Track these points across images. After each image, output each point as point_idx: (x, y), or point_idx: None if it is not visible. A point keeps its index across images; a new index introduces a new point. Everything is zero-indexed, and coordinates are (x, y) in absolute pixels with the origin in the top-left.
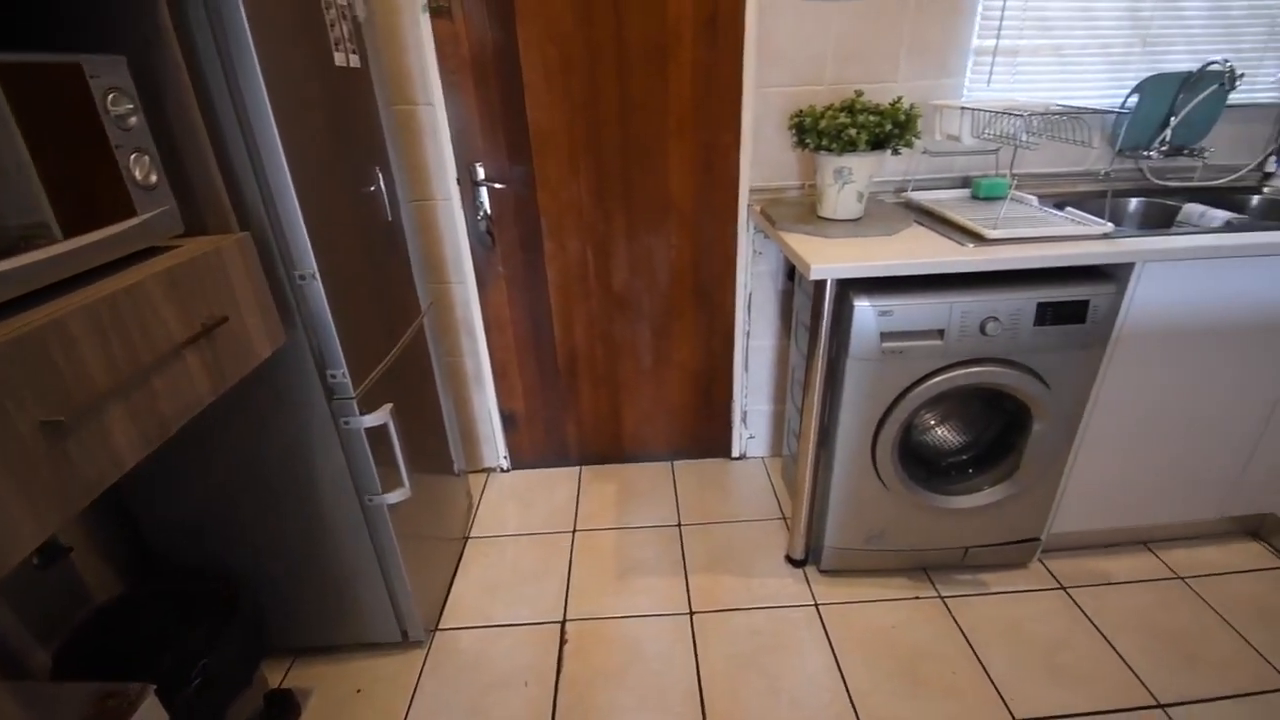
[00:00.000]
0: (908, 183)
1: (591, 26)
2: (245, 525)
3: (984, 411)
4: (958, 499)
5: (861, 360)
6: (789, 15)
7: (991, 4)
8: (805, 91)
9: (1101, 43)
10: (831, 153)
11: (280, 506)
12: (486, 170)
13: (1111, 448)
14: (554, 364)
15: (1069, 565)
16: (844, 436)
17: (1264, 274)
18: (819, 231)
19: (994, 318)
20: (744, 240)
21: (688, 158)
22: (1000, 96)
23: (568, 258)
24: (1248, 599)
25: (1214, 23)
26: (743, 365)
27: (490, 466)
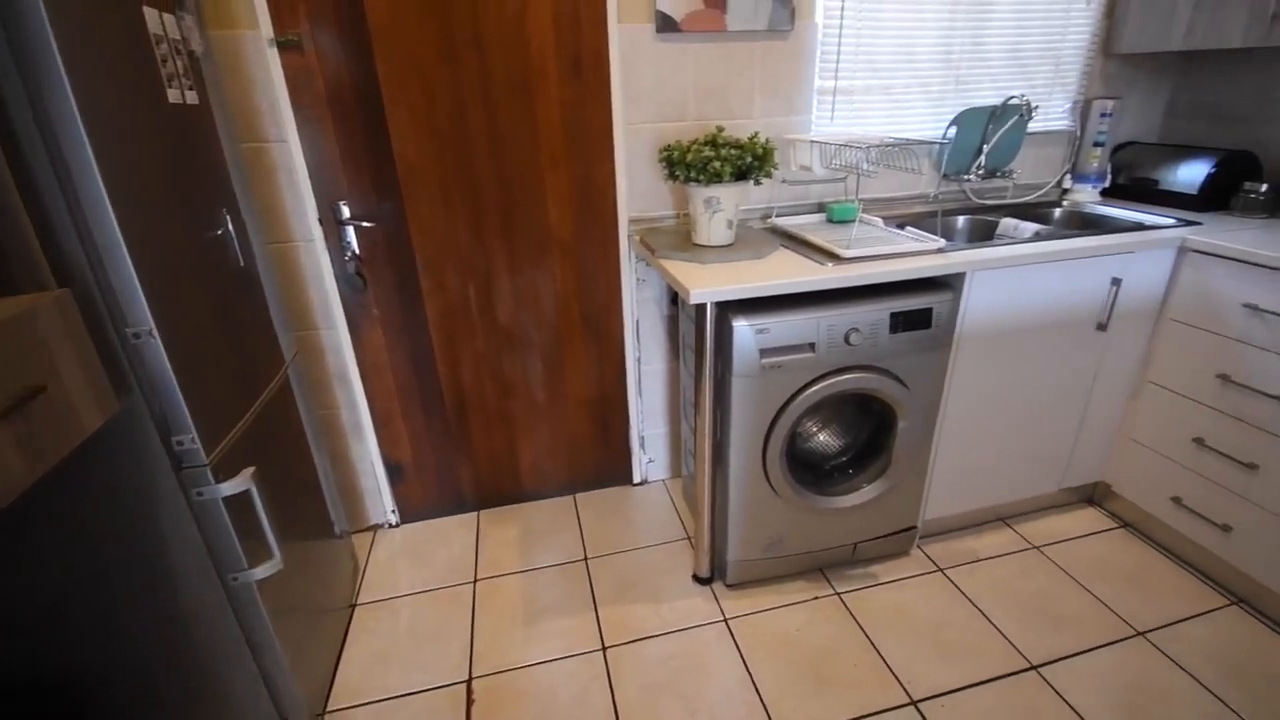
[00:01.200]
0: (772, 209)
1: (455, 61)
2: (88, 622)
3: (857, 415)
4: (842, 499)
5: (745, 377)
6: (649, 56)
7: (828, 48)
8: (671, 127)
9: (922, 82)
10: (700, 184)
11: (129, 596)
12: (352, 208)
13: (965, 437)
14: (441, 407)
15: (943, 548)
16: (736, 450)
17: (1069, 275)
18: (696, 258)
19: (856, 329)
20: (627, 269)
21: (565, 191)
22: (843, 131)
23: (448, 295)
24: (1091, 559)
25: (1011, 63)
26: (636, 391)
27: (377, 523)
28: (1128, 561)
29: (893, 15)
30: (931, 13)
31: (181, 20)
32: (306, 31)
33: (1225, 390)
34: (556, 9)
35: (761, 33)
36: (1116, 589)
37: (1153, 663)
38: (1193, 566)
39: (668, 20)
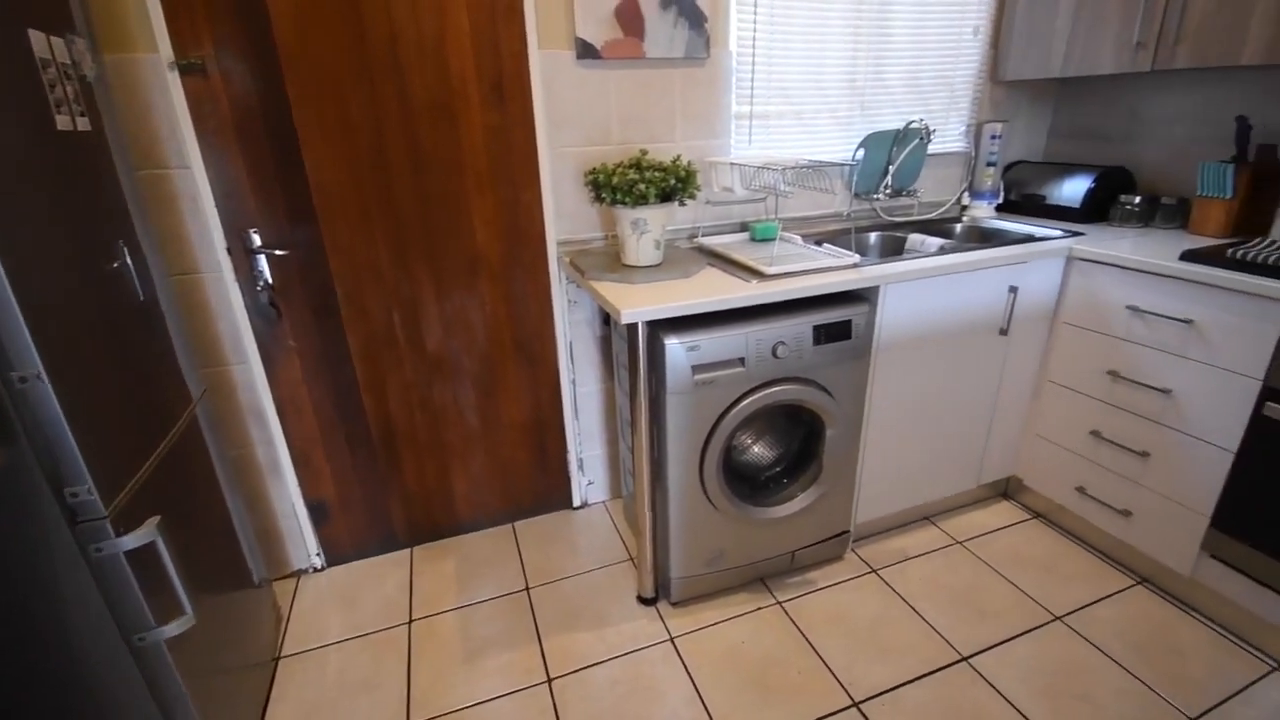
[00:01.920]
0: (698, 229)
1: (371, 83)
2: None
3: (788, 426)
4: (779, 508)
5: (679, 394)
6: (571, 82)
7: (742, 75)
8: (596, 151)
9: (830, 107)
10: (627, 206)
11: (23, 665)
12: (263, 236)
13: (889, 441)
14: (368, 440)
15: (876, 549)
16: (674, 467)
17: (971, 285)
18: (625, 279)
19: (782, 342)
20: (558, 291)
21: (492, 214)
22: (761, 153)
23: (371, 323)
24: (1009, 550)
25: (910, 89)
26: (573, 413)
27: (300, 568)
28: (1041, 550)
29: (800, 44)
30: (836, 42)
31: (72, 44)
32: (210, 54)
33: (1116, 385)
34: (475, 34)
35: (679, 60)
36: (1033, 577)
37: (1070, 645)
38: (1099, 551)
39: (588, 47)
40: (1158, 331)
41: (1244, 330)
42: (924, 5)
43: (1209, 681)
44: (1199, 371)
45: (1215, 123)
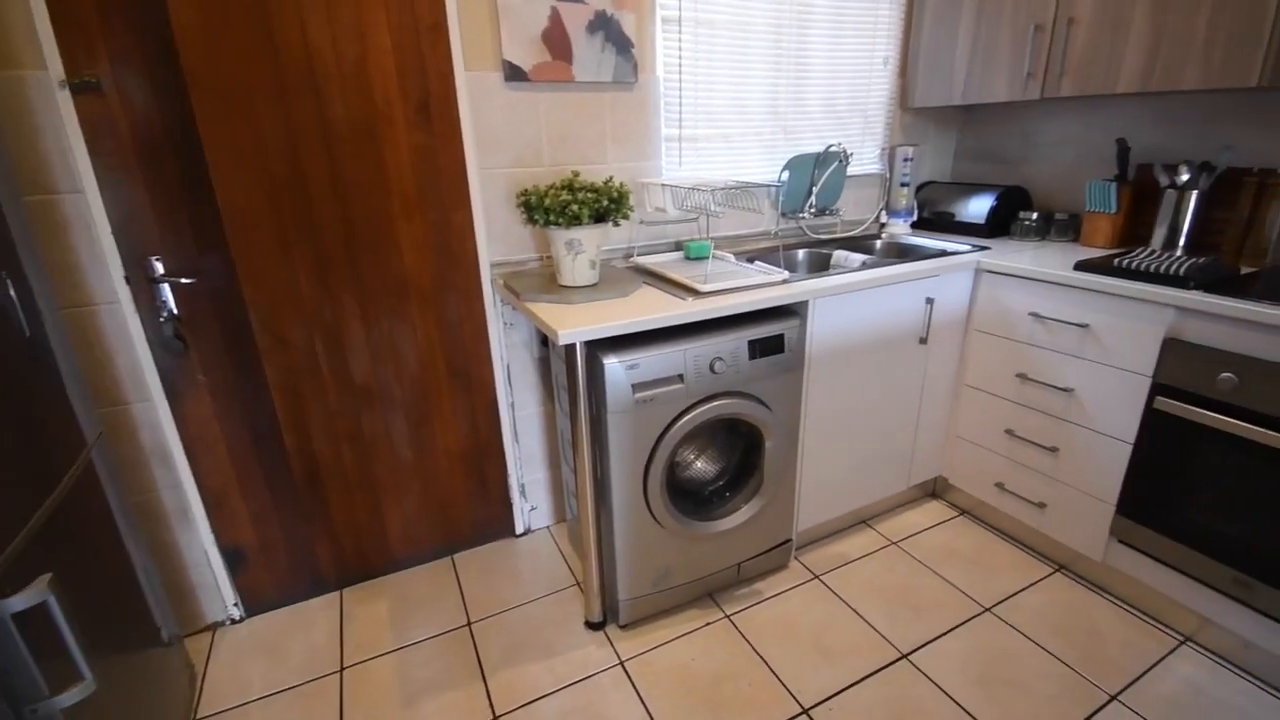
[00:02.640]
0: (633, 249)
1: (286, 103)
2: None
3: (729, 440)
4: (723, 521)
5: (619, 413)
6: (500, 104)
7: (670, 100)
8: (528, 172)
9: (755, 131)
10: (560, 227)
11: None
12: (167, 263)
13: (824, 449)
14: (289, 478)
15: (817, 555)
16: (618, 487)
17: (892, 297)
18: (562, 299)
19: (719, 358)
20: (493, 314)
21: (420, 237)
22: (692, 175)
23: (291, 353)
24: (940, 547)
25: (828, 115)
26: (513, 437)
27: (216, 621)
28: (969, 545)
29: (724, 72)
30: (757, 71)
31: None
32: (107, 73)
33: (1024, 387)
34: (399, 55)
35: (608, 84)
36: (963, 571)
37: (999, 634)
38: (1020, 542)
39: (516, 70)
40: (1058, 335)
41: (1133, 332)
42: (837, 37)
43: (1125, 659)
44: (1096, 371)
45: (1099, 145)
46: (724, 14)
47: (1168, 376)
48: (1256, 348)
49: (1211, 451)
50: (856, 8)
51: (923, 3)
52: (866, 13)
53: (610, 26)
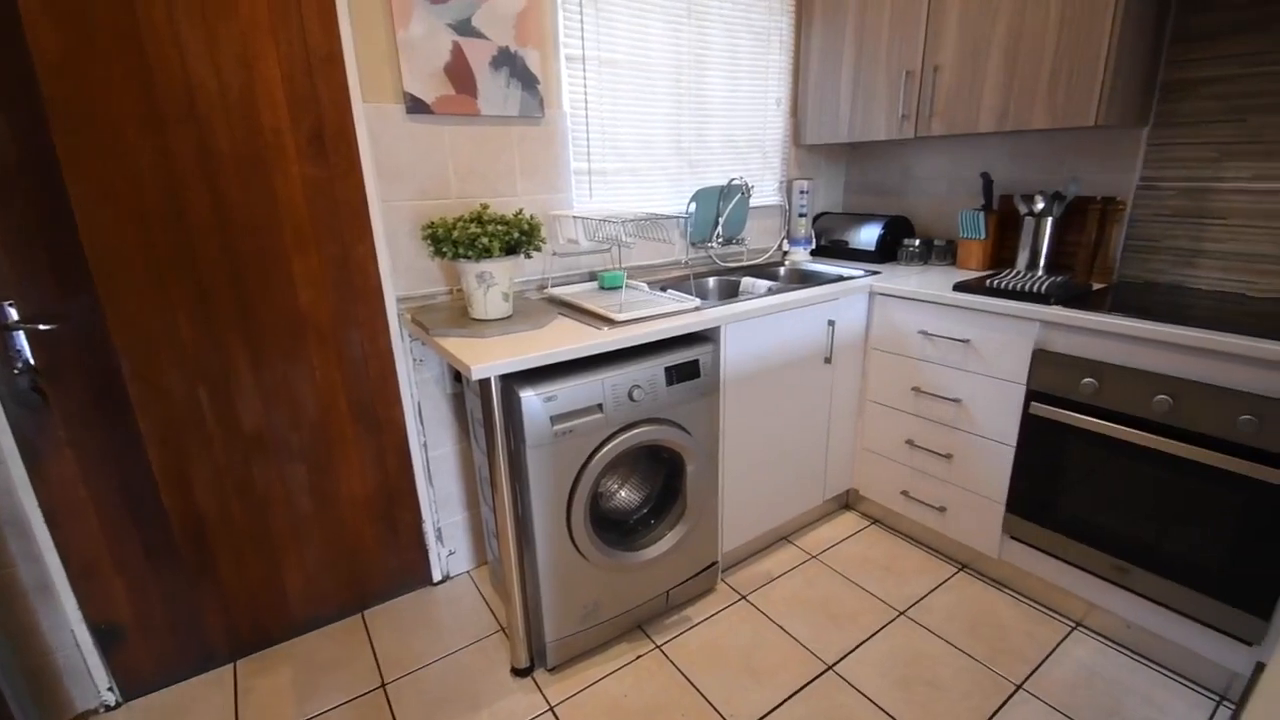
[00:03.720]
0: (547, 280)
1: (164, 134)
2: None
3: (651, 467)
4: (649, 550)
5: (539, 447)
6: (402, 135)
7: (578, 135)
8: (434, 205)
9: (661, 165)
10: (470, 260)
11: None
12: (23, 308)
13: (744, 469)
14: (170, 541)
15: (743, 575)
16: (540, 523)
17: (798, 320)
18: (474, 333)
19: (638, 385)
20: (401, 350)
21: (317, 271)
22: (603, 207)
23: (170, 403)
24: (856, 557)
25: (729, 151)
26: (426, 479)
27: (88, 709)
28: (881, 553)
29: (629, 109)
30: (661, 109)
31: None
32: None
33: (919, 399)
34: (290, 85)
35: (515, 118)
36: (878, 579)
37: (914, 636)
38: (927, 546)
39: (418, 102)
40: (945, 350)
41: (1007, 344)
42: (733, 79)
43: (1027, 649)
44: (979, 381)
45: (967, 178)
46: (625, 55)
47: (1039, 384)
48: (1110, 354)
49: (1081, 449)
50: (749, 53)
51: (808, 50)
52: (758, 57)
53: (515, 62)
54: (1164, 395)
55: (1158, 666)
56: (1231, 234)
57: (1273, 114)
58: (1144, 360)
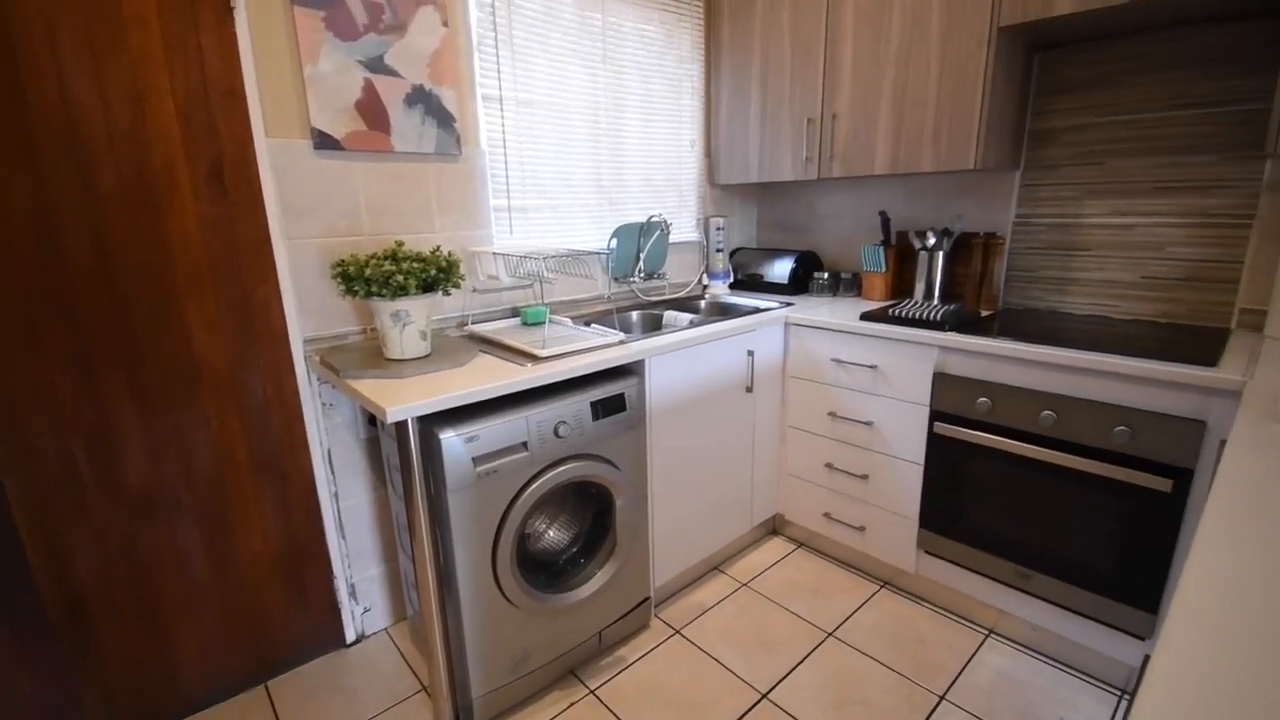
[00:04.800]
0: (467, 317)
1: (36, 170)
2: None
3: (579, 504)
4: (580, 590)
5: (461, 490)
6: (310, 171)
7: (497, 172)
8: (345, 242)
9: (581, 202)
10: (385, 298)
11: None
12: None
13: (672, 501)
14: (42, 618)
15: (676, 609)
16: (464, 571)
17: (719, 351)
18: (390, 373)
19: (563, 421)
20: (308, 395)
21: (214, 315)
22: (523, 243)
23: (41, 462)
24: (785, 581)
25: (647, 189)
26: (337, 532)
27: None
28: (808, 575)
29: (548, 148)
30: (579, 148)
31: None
32: None
33: (836, 423)
34: (186, 120)
35: (431, 155)
36: (806, 601)
37: (843, 656)
38: (850, 566)
39: (327, 138)
40: (855, 376)
41: (910, 369)
42: (649, 121)
43: (947, 659)
44: (889, 404)
45: (868, 216)
46: (544, 96)
47: (941, 404)
48: (999, 375)
49: (981, 464)
50: (663, 97)
51: (718, 97)
52: (672, 102)
53: (430, 101)
54: (1049, 411)
55: (1065, 667)
56: (1096, 264)
57: (1125, 157)
58: (1029, 379)
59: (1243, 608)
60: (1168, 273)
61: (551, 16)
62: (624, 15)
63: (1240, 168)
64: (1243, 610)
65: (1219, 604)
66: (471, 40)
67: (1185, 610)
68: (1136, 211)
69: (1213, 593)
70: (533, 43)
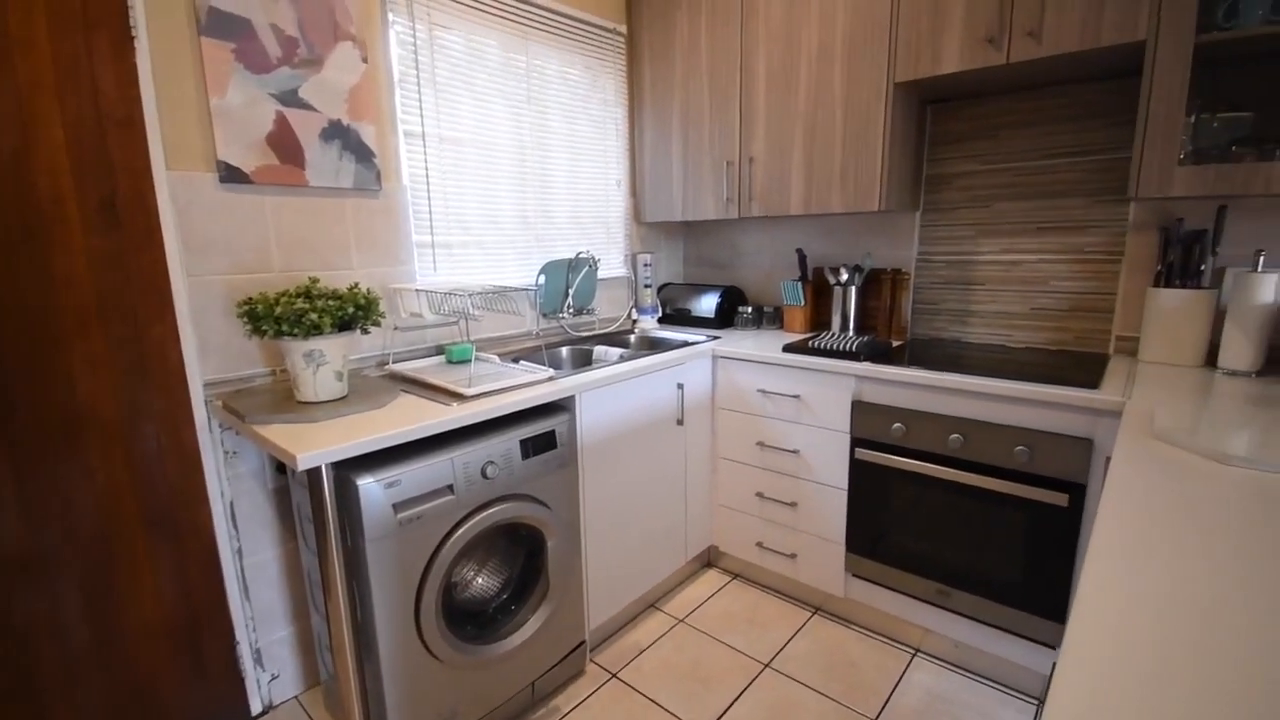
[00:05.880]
0: (388, 355)
1: None
2: None
3: (509, 547)
4: (511, 639)
5: (380, 540)
6: (214, 205)
7: (419, 208)
8: (254, 279)
9: (509, 239)
10: (296, 337)
11: None
12: None
13: (606, 539)
14: None
15: (613, 652)
16: (384, 627)
17: (650, 385)
18: (302, 417)
19: (491, 461)
20: (208, 442)
21: (103, 357)
22: (448, 280)
23: None
24: (721, 614)
25: (575, 226)
26: (240, 592)
27: None
28: (743, 607)
29: (473, 185)
30: (505, 185)
31: None
32: None
33: (764, 453)
34: (76, 149)
35: (349, 190)
36: (742, 633)
37: (780, 686)
38: (783, 594)
39: (234, 171)
40: (781, 406)
41: (831, 398)
42: (575, 160)
43: (878, 681)
44: (813, 432)
45: (786, 253)
46: (468, 134)
47: (860, 431)
48: (911, 401)
49: (899, 487)
50: (589, 138)
51: (641, 139)
52: (597, 142)
53: (348, 136)
54: (957, 434)
55: (988, 680)
56: (990, 296)
57: (1009, 201)
58: (938, 405)
59: (1135, 612)
60: (1053, 304)
61: (475, 56)
62: (548, 58)
63: (1108, 210)
64: (1135, 615)
65: (1114, 610)
66: (393, 77)
67: (1083, 618)
68: (1022, 249)
69: (1107, 599)
70: (456, 81)
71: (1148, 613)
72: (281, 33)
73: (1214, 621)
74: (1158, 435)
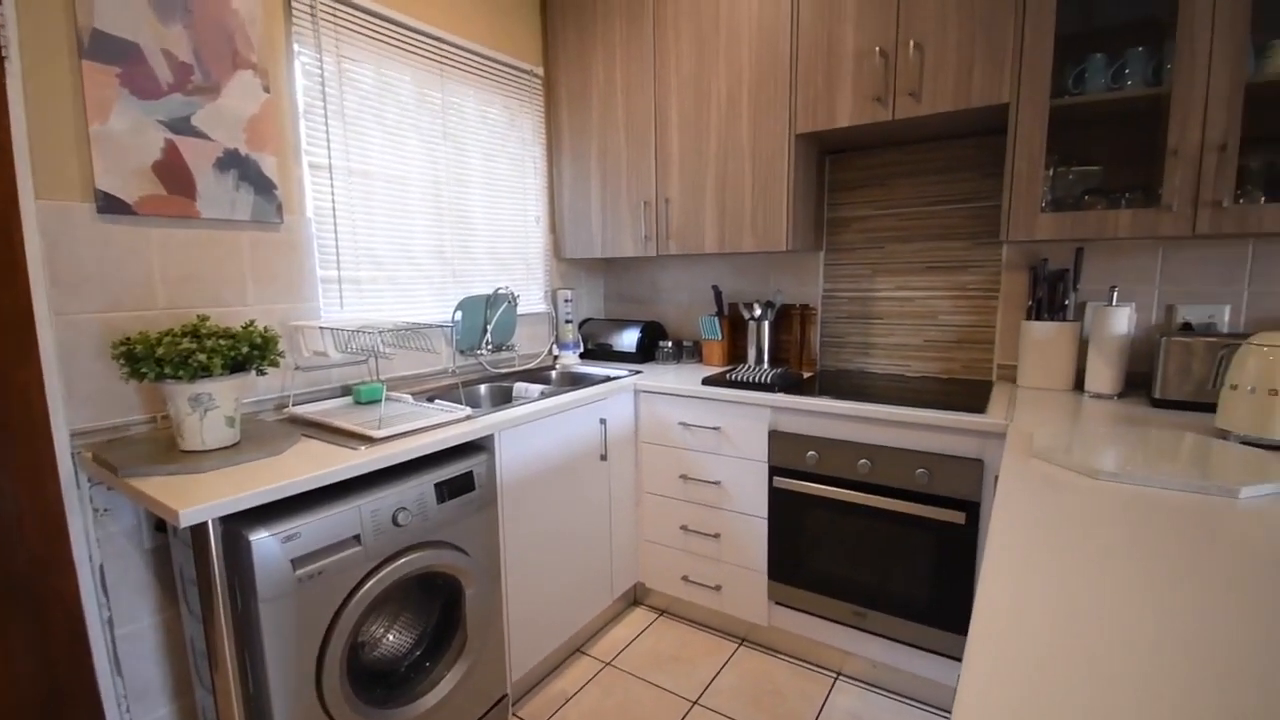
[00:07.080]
0: (288, 397)
1: None
2: None
3: (424, 599)
4: (425, 699)
5: (276, 600)
6: (90, 238)
7: (325, 241)
8: (133, 317)
9: (424, 274)
10: (181, 380)
11: None
12: None
13: (529, 582)
14: None
15: (537, 704)
16: (281, 699)
17: (572, 421)
18: (187, 468)
19: (403, 508)
20: (74, 500)
21: None
22: (356, 316)
23: None
24: (648, 653)
25: (494, 262)
26: (111, 668)
27: None
28: (670, 643)
29: (384, 218)
30: (420, 220)
31: None
32: None
33: (687, 485)
34: None
35: (246, 222)
36: (670, 672)
37: None
38: (709, 627)
39: (115, 201)
40: (701, 438)
41: (749, 428)
42: (494, 197)
43: (802, 709)
44: (733, 463)
45: (703, 289)
46: (379, 167)
47: (777, 460)
48: (823, 429)
49: (814, 512)
50: (507, 175)
51: (561, 178)
52: (516, 180)
53: (246, 166)
54: (865, 459)
55: (905, 699)
56: (888, 330)
57: (899, 242)
58: (846, 432)
59: (1026, 621)
60: (943, 336)
61: (387, 90)
62: (465, 96)
63: (985, 251)
64: (1026, 624)
65: (1008, 618)
66: (297, 108)
67: (980, 629)
68: (912, 287)
69: (1000, 609)
70: (366, 114)
71: (1039, 617)
72: (174, 58)
73: (1098, 621)
74: (1037, 454)
